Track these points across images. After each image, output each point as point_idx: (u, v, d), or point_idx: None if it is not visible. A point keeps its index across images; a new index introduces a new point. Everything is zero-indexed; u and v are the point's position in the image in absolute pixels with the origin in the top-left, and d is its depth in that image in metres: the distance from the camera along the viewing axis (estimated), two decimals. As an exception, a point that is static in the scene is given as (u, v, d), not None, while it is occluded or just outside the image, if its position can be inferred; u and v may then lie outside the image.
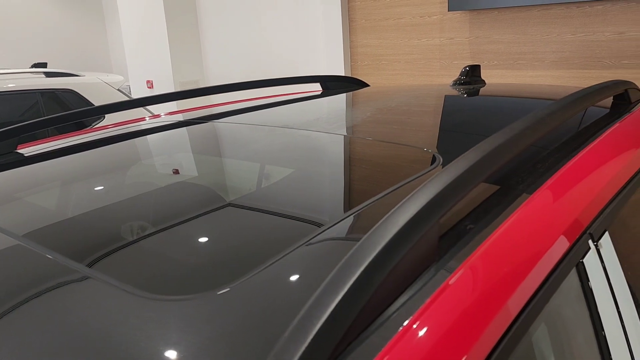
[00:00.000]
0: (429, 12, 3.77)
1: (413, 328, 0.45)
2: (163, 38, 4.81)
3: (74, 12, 8.27)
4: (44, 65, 4.45)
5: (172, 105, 4.40)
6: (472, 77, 1.73)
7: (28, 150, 1.18)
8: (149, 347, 0.44)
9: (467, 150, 0.63)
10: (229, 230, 0.66)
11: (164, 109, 4.17)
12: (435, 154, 0.88)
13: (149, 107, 3.85)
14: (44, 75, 3.65)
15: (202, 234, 0.65)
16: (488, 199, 0.68)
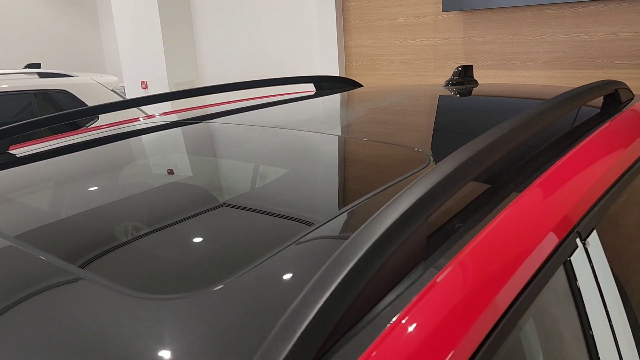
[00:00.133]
0: (423, 12, 3.78)
1: (400, 326, 0.45)
2: (157, 39, 4.80)
3: (68, 12, 8.24)
4: (38, 66, 4.43)
5: (166, 106, 4.39)
6: (464, 77, 1.74)
7: (20, 151, 1.18)
8: (138, 346, 0.45)
9: (457, 150, 0.64)
10: (219, 230, 0.67)
11: (159, 110, 4.16)
12: (427, 154, 0.89)
13: (144, 107, 3.84)
14: (38, 76, 3.64)
15: (192, 234, 0.65)
16: (477, 198, 0.69)
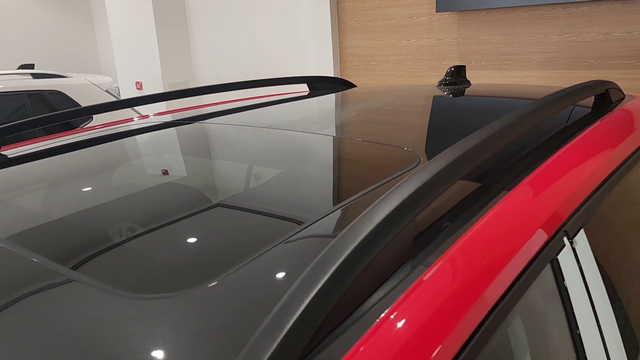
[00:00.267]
0: (418, 13, 3.79)
1: (385, 324, 0.46)
2: (152, 39, 4.79)
3: (62, 12, 8.21)
4: (31, 67, 4.42)
5: (161, 106, 4.38)
6: (457, 77, 1.74)
7: (12, 152, 1.17)
8: (125, 345, 0.45)
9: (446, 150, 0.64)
10: (209, 230, 0.67)
11: (154, 110, 4.15)
12: (417, 154, 0.89)
13: (139, 108, 3.84)
14: (31, 77, 3.63)
15: (181, 234, 0.65)
16: (465, 197, 0.69)
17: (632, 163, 0.99)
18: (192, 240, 0.64)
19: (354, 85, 1.95)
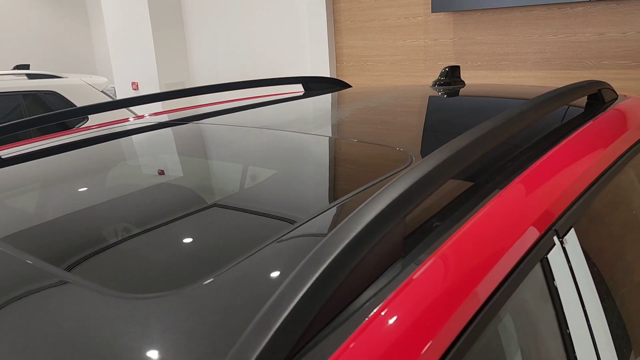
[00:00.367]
0: (413, 13, 3.80)
1: (374, 323, 0.46)
2: (148, 39, 4.79)
3: (58, 13, 8.19)
4: (27, 67, 4.41)
5: (158, 107, 4.38)
6: (452, 77, 1.75)
7: (6, 152, 1.17)
8: (113, 344, 0.45)
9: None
10: (202, 229, 0.67)
11: (150, 111, 4.14)
12: (409, 153, 0.89)
13: (136, 108, 3.83)
14: (26, 77, 3.62)
15: (174, 234, 0.66)
16: (456, 197, 0.69)
17: (623, 163, 1.00)
18: (183, 240, 0.64)
19: (349, 86, 1.95)
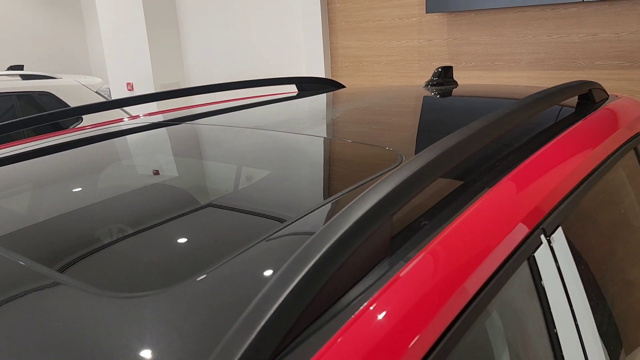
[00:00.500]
0: (408, 14, 3.81)
1: (359, 321, 0.46)
2: (143, 40, 4.78)
3: (52, 13, 8.16)
4: (21, 68, 4.39)
5: (153, 107, 4.37)
6: (444, 78, 1.76)
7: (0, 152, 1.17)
8: (101, 343, 0.45)
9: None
10: (192, 229, 0.67)
11: (145, 111, 4.13)
12: (399, 153, 0.90)
13: (131, 109, 3.82)
14: (20, 78, 3.61)
15: (164, 233, 0.66)
16: (445, 196, 0.70)
17: (612, 162, 1.01)
18: (172, 240, 0.64)
19: (343, 86, 1.96)
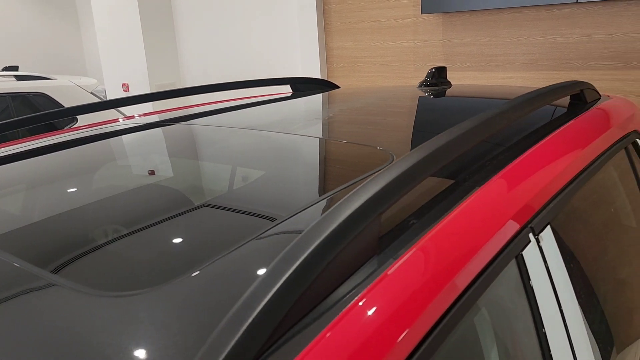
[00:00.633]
0: (403, 14, 3.82)
1: (345, 319, 0.46)
2: (138, 41, 4.77)
3: (47, 13, 8.14)
4: (15, 69, 4.38)
5: (149, 108, 4.36)
6: (438, 78, 1.76)
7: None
8: (91, 342, 0.45)
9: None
10: (183, 228, 0.68)
11: (141, 112, 4.13)
12: (390, 153, 0.90)
13: (127, 109, 3.82)
14: (15, 79, 3.60)
15: (153, 233, 0.66)
16: (434, 195, 0.70)
17: (602, 162, 1.01)
18: (162, 239, 0.65)
19: (337, 86, 1.96)
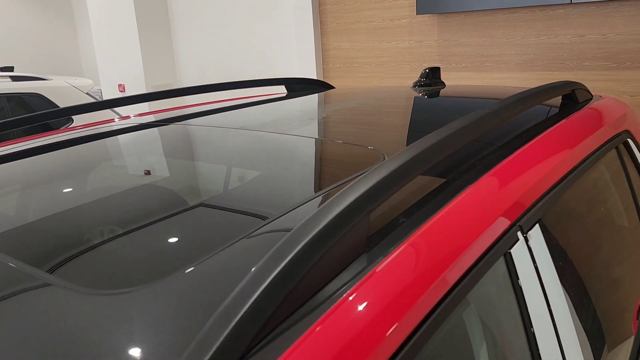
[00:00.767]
0: (399, 15, 3.83)
1: (333, 316, 0.47)
2: (134, 41, 4.77)
3: (43, 14, 8.12)
4: (11, 69, 4.37)
5: (145, 108, 4.36)
6: (432, 79, 1.77)
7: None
8: (82, 340, 0.46)
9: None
10: (174, 227, 0.68)
11: (137, 112, 4.12)
12: (381, 152, 0.91)
13: (123, 110, 3.82)
14: (10, 79, 3.59)
15: (144, 232, 0.67)
16: (424, 194, 0.71)
17: (592, 161, 1.02)
18: (154, 238, 0.65)
19: (331, 87, 1.97)
